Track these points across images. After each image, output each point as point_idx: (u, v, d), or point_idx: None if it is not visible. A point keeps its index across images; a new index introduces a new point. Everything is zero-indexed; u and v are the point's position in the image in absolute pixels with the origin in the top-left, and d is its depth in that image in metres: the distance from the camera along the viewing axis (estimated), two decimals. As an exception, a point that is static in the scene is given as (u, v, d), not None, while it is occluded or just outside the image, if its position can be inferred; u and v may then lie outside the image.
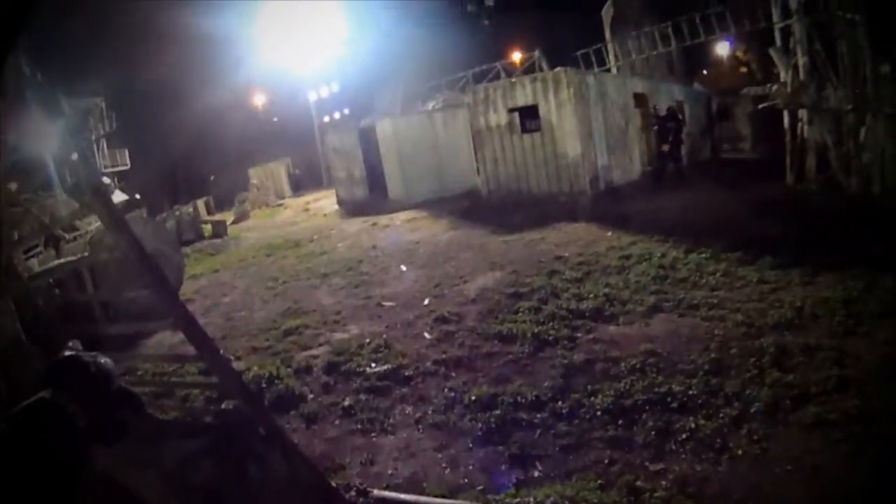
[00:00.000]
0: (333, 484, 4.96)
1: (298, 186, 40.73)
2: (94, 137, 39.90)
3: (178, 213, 26.21)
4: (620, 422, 5.42)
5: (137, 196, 34.52)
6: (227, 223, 25.85)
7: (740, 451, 4.76)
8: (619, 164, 17.66)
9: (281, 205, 33.96)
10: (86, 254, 10.94)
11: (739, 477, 4.49)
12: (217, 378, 3.84)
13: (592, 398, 5.84)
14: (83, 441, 2.41)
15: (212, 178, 47.32)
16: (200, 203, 31.76)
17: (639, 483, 4.54)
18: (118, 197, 34.90)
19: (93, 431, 2.41)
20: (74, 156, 30.27)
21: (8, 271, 3.52)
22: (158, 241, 12.70)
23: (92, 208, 3.15)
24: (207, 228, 24.14)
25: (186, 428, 4.31)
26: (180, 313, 3.30)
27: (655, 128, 19.04)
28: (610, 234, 12.40)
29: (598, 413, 5.59)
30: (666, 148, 18.49)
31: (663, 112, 18.89)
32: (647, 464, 4.81)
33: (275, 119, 50.79)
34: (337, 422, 6.26)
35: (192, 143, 45.31)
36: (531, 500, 4.52)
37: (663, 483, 4.52)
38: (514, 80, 18.43)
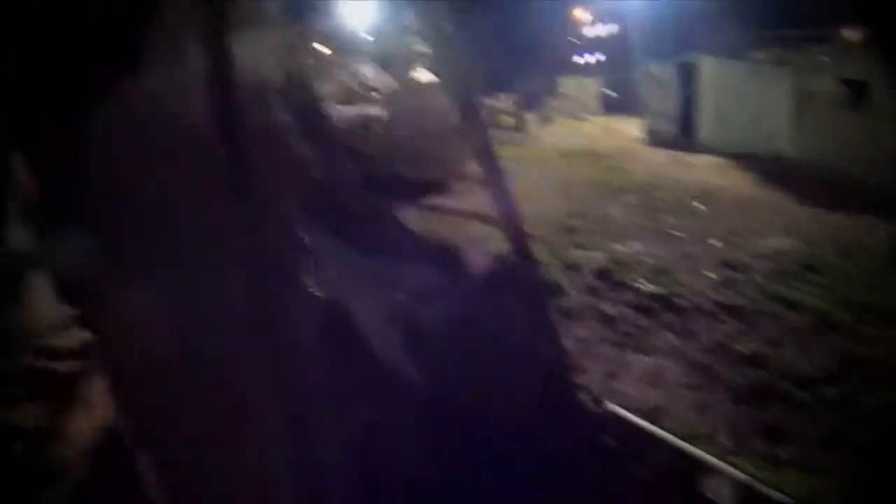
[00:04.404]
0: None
1: (608, 108, 39.75)
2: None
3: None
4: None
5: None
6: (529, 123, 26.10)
7: None
8: None
9: (586, 119, 33.51)
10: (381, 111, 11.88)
11: None
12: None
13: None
14: None
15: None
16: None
17: None
18: (425, 76, 36.95)
19: None
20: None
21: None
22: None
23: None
24: (509, 120, 24.47)
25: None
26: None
27: None
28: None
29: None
30: None
31: None
32: None
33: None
34: (593, 324, 5.97)
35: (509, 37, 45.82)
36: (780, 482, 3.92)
37: None
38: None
